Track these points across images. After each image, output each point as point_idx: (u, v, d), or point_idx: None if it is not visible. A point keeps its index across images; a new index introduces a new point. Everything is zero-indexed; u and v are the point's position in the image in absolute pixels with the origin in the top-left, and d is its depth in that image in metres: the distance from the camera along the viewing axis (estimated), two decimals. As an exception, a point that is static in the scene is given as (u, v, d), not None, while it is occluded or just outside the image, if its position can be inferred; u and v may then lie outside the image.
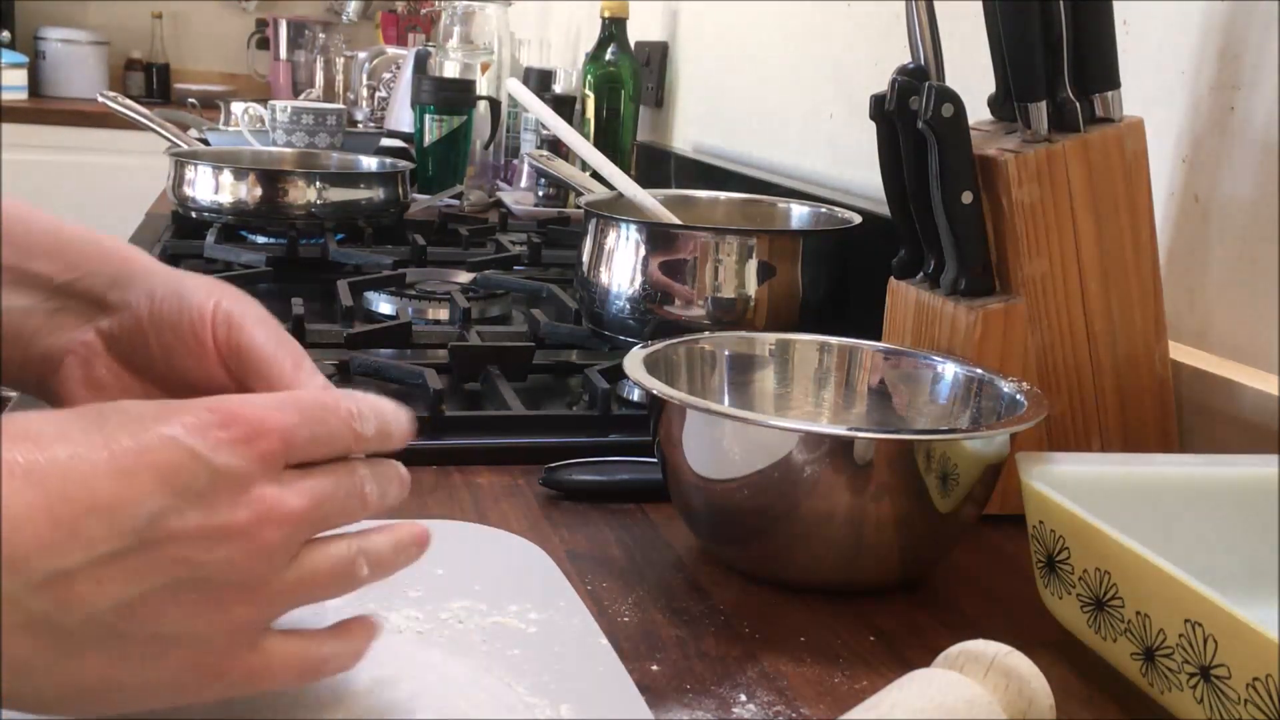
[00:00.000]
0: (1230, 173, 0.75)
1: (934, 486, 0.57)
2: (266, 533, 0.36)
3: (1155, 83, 0.80)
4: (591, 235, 0.95)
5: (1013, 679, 0.42)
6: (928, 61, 0.72)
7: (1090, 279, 0.70)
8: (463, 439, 0.76)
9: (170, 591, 0.35)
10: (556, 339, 0.99)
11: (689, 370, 0.70)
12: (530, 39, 2.29)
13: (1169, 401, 0.73)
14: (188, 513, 0.35)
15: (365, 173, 1.47)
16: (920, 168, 0.72)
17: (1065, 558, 0.53)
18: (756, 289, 0.88)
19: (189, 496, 0.35)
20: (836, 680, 0.52)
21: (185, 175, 1.36)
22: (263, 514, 0.36)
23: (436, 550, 0.58)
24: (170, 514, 0.35)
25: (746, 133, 1.56)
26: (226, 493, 0.36)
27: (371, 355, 0.89)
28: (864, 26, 1.26)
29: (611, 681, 0.48)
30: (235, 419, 0.37)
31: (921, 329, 0.75)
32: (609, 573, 0.61)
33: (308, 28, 3.66)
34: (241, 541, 0.36)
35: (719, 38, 1.68)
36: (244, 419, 0.37)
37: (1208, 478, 0.60)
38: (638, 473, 0.71)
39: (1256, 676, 0.42)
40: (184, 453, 0.35)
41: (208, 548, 0.35)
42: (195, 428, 0.36)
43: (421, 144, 1.72)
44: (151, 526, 0.34)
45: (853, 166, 1.27)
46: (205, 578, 0.36)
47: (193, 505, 0.35)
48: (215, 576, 0.36)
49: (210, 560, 0.36)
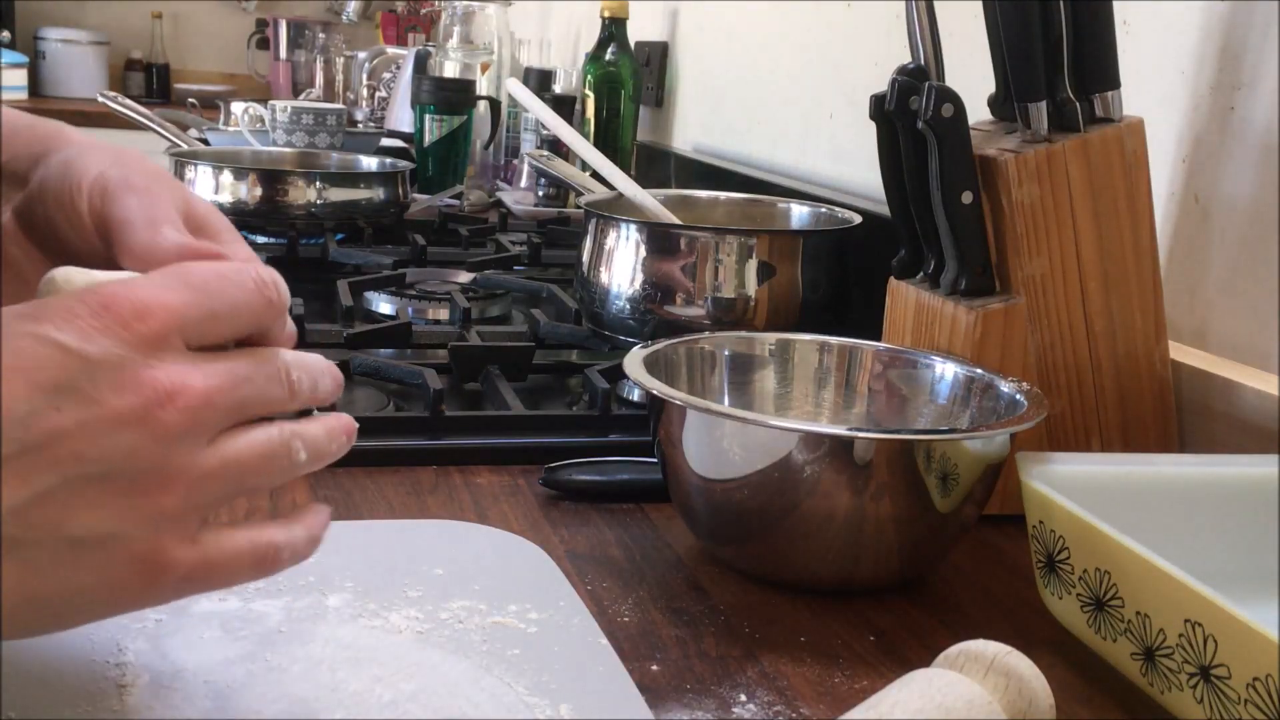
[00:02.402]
0: (1230, 173, 0.75)
1: (934, 486, 0.57)
2: (162, 415, 0.35)
3: (1155, 83, 0.80)
4: (591, 235, 0.95)
5: (1013, 679, 0.42)
6: (928, 61, 0.72)
7: (1090, 279, 0.70)
8: (463, 439, 0.76)
9: (68, 490, 0.34)
10: (556, 339, 0.99)
11: (689, 370, 0.70)
12: (530, 39, 2.29)
13: (1169, 401, 0.73)
14: (65, 408, 0.34)
15: (365, 173, 1.47)
16: (920, 168, 0.72)
17: (1065, 558, 0.53)
18: (756, 289, 0.88)
19: (63, 390, 0.34)
20: (836, 680, 0.52)
21: (185, 175, 1.36)
22: (154, 397, 0.35)
23: (436, 550, 0.59)
24: (44, 412, 0.33)
25: (746, 133, 1.56)
26: (107, 381, 0.34)
27: (371, 355, 0.89)
28: (864, 26, 1.26)
29: (611, 681, 0.48)
30: (110, 304, 0.35)
31: (921, 329, 0.75)
32: (609, 573, 0.61)
33: (308, 28, 3.65)
34: (136, 428, 0.34)
35: (719, 38, 1.68)
36: (119, 302, 0.35)
37: (1208, 478, 0.60)
38: (638, 473, 0.71)
39: (1256, 676, 0.42)
40: (52, 348, 0.34)
41: (99, 439, 0.34)
42: (63, 320, 0.34)
43: (421, 144, 1.72)
44: (26, 428, 0.33)
45: (853, 166, 1.27)
46: (105, 471, 0.34)
47: (69, 399, 0.34)
48: (116, 468, 0.35)
49: (103, 452, 0.34)
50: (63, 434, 0.34)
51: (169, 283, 0.37)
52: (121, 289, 0.36)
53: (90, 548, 0.35)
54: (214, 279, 0.37)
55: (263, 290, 0.38)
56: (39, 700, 0.43)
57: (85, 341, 0.34)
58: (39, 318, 0.34)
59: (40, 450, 0.33)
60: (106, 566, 0.35)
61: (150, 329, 0.35)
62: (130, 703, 0.43)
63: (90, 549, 0.35)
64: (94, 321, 0.34)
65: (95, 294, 0.35)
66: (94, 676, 0.45)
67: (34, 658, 0.45)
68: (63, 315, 0.34)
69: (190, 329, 0.36)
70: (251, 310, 0.38)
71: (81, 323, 0.34)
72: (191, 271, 0.38)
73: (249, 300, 0.38)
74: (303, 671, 0.46)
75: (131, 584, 0.36)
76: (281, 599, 0.52)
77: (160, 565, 0.36)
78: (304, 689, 0.45)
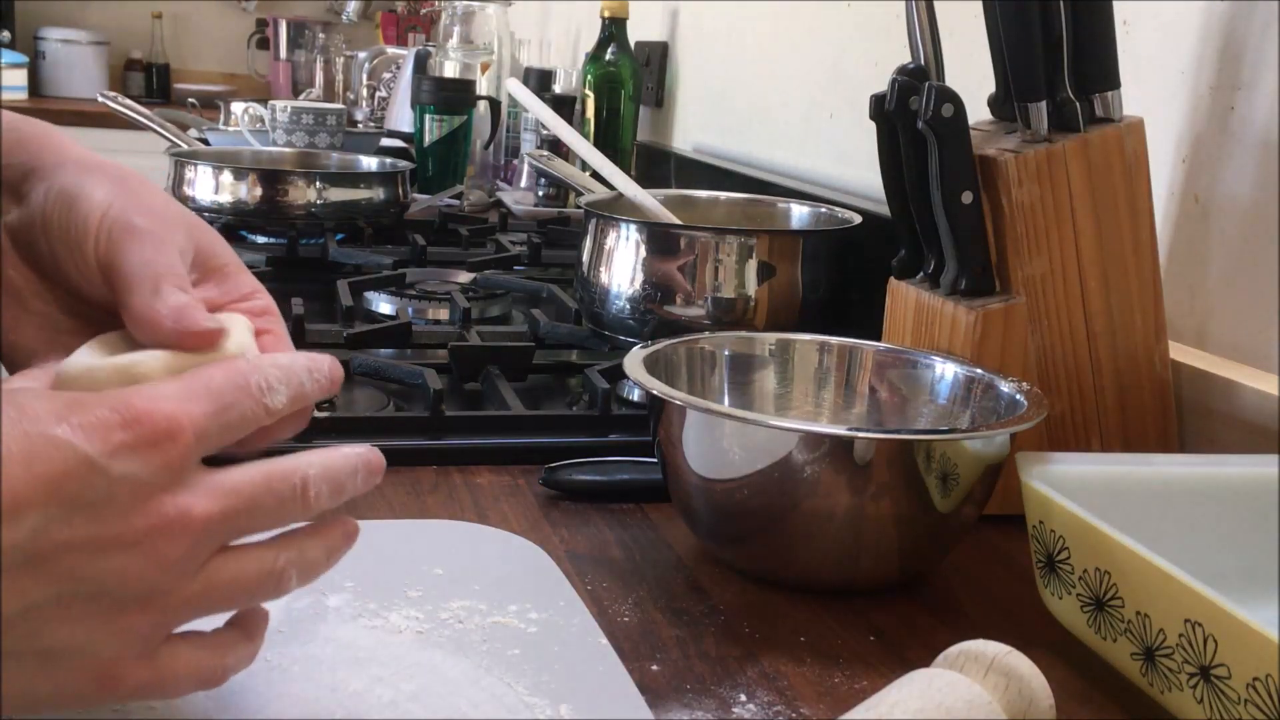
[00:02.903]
0: (1230, 173, 0.75)
1: (934, 486, 0.57)
2: (164, 544, 0.34)
3: (1155, 83, 0.80)
4: (591, 235, 0.95)
5: (1013, 679, 0.42)
6: (928, 61, 0.72)
7: (1090, 279, 0.70)
8: (463, 439, 0.76)
9: (58, 605, 0.33)
10: (556, 339, 0.99)
11: (689, 370, 0.70)
12: (530, 39, 2.29)
13: (1169, 401, 0.73)
14: (77, 522, 0.33)
15: (365, 173, 1.47)
16: (920, 168, 0.72)
17: (1065, 558, 0.53)
18: (756, 289, 0.88)
19: (79, 505, 0.33)
20: (836, 680, 0.52)
21: (185, 175, 1.36)
22: (161, 524, 0.34)
23: (436, 550, 0.59)
24: (58, 525, 0.33)
25: (746, 133, 1.56)
26: (123, 501, 0.34)
27: (371, 355, 0.89)
28: (864, 26, 1.26)
29: (611, 681, 0.48)
30: (140, 419, 0.34)
31: (921, 329, 0.75)
32: (609, 573, 0.61)
33: (308, 28, 3.66)
34: (136, 552, 0.34)
35: (719, 38, 1.68)
36: (150, 419, 0.34)
37: (1208, 478, 0.60)
38: (638, 473, 0.71)
39: (1256, 676, 0.42)
40: (77, 459, 0.33)
41: (97, 559, 0.33)
42: (93, 431, 0.33)
43: (421, 144, 1.72)
44: (37, 539, 0.32)
45: (853, 166, 1.27)
46: (96, 591, 0.34)
47: (83, 514, 0.33)
48: (108, 589, 0.34)
49: (100, 572, 0.34)
50: (69, 549, 0.33)
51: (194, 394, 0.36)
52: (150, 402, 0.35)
53: (57, 659, 0.34)
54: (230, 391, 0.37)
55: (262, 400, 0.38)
56: (39, 700, 0.43)
57: (112, 459, 0.33)
58: (69, 420, 0.33)
59: (43, 563, 0.33)
60: (67, 676, 0.35)
61: (177, 451, 0.35)
62: (130, 703, 0.43)
63: (56, 660, 0.34)
64: (124, 436, 0.34)
65: (127, 405, 0.34)
66: (94, 676, 0.45)
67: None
68: (94, 426, 0.33)
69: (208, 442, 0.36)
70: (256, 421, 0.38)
71: (113, 437, 0.34)
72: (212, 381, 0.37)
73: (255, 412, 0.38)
74: (303, 671, 0.46)
75: (84, 694, 0.35)
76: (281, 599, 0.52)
77: (115, 680, 0.35)
78: (304, 689, 0.45)
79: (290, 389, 0.39)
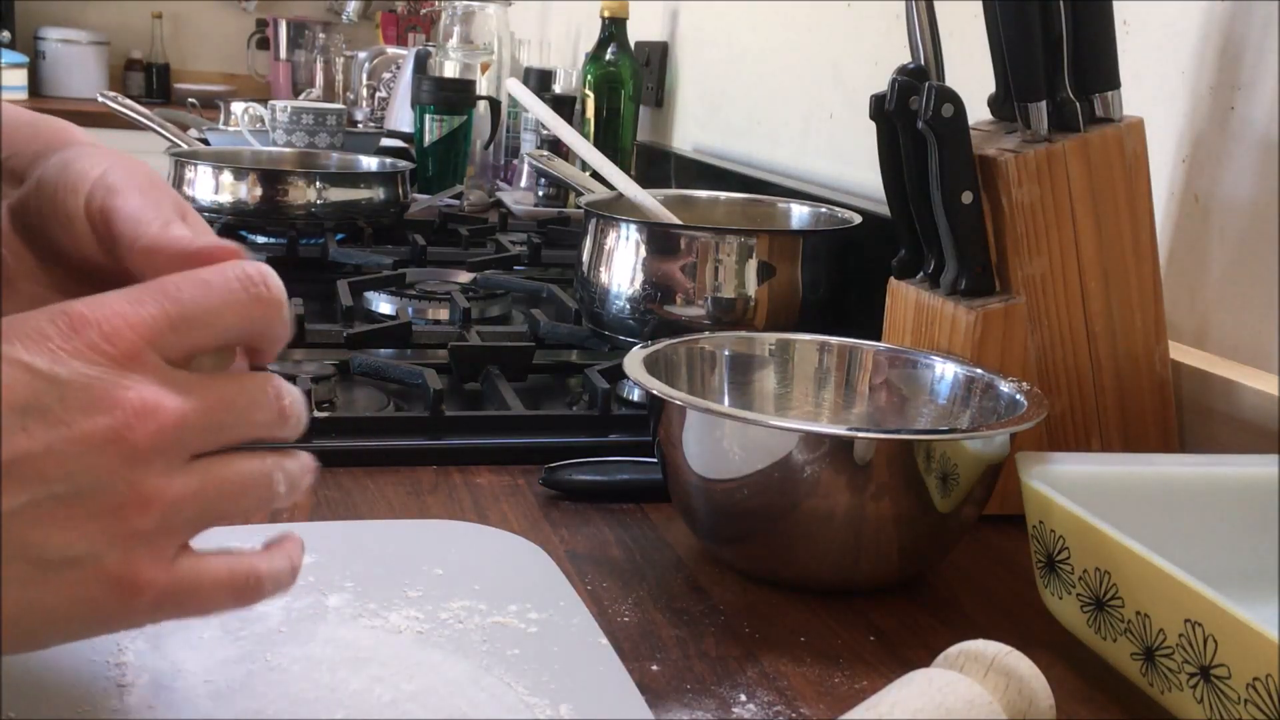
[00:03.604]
0: (1230, 173, 0.75)
1: (934, 486, 0.57)
2: (131, 435, 0.34)
3: (1155, 83, 0.81)
4: (591, 235, 0.95)
5: (1013, 679, 0.42)
6: (928, 61, 0.72)
7: (1090, 279, 0.70)
8: (463, 439, 0.76)
9: (35, 510, 0.34)
10: (556, 339, 0.99)
11: (689, 370, 0.70)
12: (530, 39, 2.29)
13: (1169, 401, 0.73)
14: (34, 429, 0.33)
15: (365, 173, 1.47)
16: (920, 168, 0.72)
17: (1065, 558, 0.53)
18: (756, 289, 0.88)
19: (33, 413, 0.33)
20: (836, 680, 0.52)
21: (185, 175, 1.36)
22: (123, 417, 0.34)
23: (436, 550, 0.59)
24: (13, 433, 0.33)
25: (746, 133, 1.56)
26: (77, 402, 0.34)
27: (371, 355, 0.89)
28: (864, 26, 1.26)
29: (611, 681, 0.48)
30: (77, 325, 0.34)
31: (921, 329, 0.75)
32: (609, 573, 0.61)
33: (308, 28, 3.66)
34: (105, 448, 0.34)
35: (719, 38, 1.68)
36: (90, 322, 0.35)
37: (1208, 478, 0.60)
38: (638, 473, 0.71)
39: (1256, 676, 0.42)
40: (20, 369, 0.33)
41: (63, 460, 0.34)
42: (34, 341, 0.34)
43: (421, 144, 1.72)
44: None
45: (853, 166, 1.27)
46: (73, 491, 0.34)
47: (37, 420, 0.33)
48: (85, 488, 0.34)
49: (70, 472, 0.34)
50: (29, 455, 0.33)
51: (142, 296, 0.36)
52: (91, 308, 0.35)
53: (60, 568, 0.35)
54: (190, 285, 0.37)
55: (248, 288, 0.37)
56: (39, 700, 0.43)
57: (55, 364, 0.34)
58: (8, 338, 0.34)
59: (6, 472, 0.33)
60: (78, 586, 0.35)
61: (120, 349, 0.35)
62: (130, 703, 0.43)
63: (60, 569, 0.35)
64: (64, 344, 0.34)
65: (65, 315, 0.35)
66: (94, 676, 0.45)
67: (34, 658, 0.45)
68: (32, 337, 0.34)
69: (167, 342, 0.36)
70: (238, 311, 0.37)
71: (52, 345, 0.34)
72: (168, 282, 0.37)
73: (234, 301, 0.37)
74: (303, 671, 0.46)
75: (104, 604, 0.36)
76: (281, 599, 0.52)
77: (134, 586, 0.36)
78: (304, 689, 0.45)
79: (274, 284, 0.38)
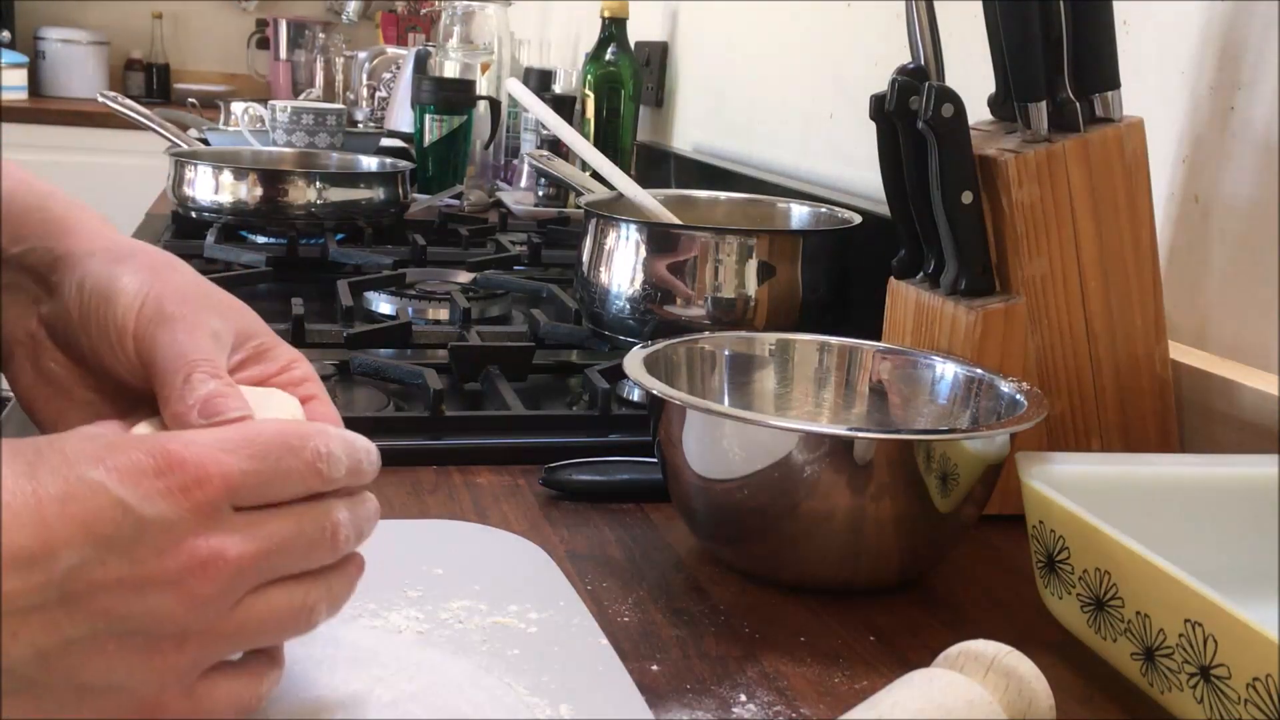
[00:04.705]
0: (1230, 173, 0.75)
1: (934, 486, 0.57)
2: (197, 583, 0.35)
3: (1155, 83, 0.80)
4: (591, 235, 0.95)
5: (1013, 679, 0.42)
6: (928, 61, 0.72)
7: (1090, 279, 0.70)
8: (463, 439, 0.76)
9: (92, 642, 0.35)
10: (556, 339, 0.99)
11: (689, 370, 0.70)
12: (530, 39, 2.29)
13: (1169, 401, 0.73)
14: (110, 563, 0.34)
15: (365, 173, 1.47)
16: (920, 168, 0.72)
17: (1065, 558, 0.53)
18: (756, 289, 0.88)
19: (113, 547, 0.34)
20: (836, 680, 0.52)
21: (185, 175, 1.36)
22: (194, 564, 0.35)
23: (436, 550, 0.59)
24: (91, 565, 0.34)
25: (746, 133, 1.56)
26: (155, 543, 0.35)
27: (371, 355, 0.89)
28: (864, 26, 1.26)
29: (611, 681, 0.48)
30: (172, 465, 0.35)
31: (921, 329, 0.75)
32: (609, 573, 0.61)
33: (308, 28, 3.66)
34: (170, 592, 0.35)
35: (719, 38, 1.68)
36: (182, 465, 0.35)
37: (1208, 478, 0.60)
38: (638, 473, 0.71)
39: (1256, 676, 0.42)
40: (110, 502, 0.34)
41: (131, 599, 0.35)
42: (127, 474, 0.35)
43: (421, 144, 1.72)
44: (70, 578, 0.34)
45: (853, 166, 1.27)
46: (132, 629, 0.35)
47: (117, 555, 0.34)
48: (143, 627, 0.35)
49: (135, 611, 0.35)
50: (103, 589, 0.34)
51: (234, 445, 0.37)
52: (186, 449, 0.36)
53: (96, 695, 0.35)
54: (278, 450, 0.38)
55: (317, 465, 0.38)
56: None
57: (144, 503, 0.35)
58: (105, 463, 0.35)
59: (79, 601, 0.34)
60: (107, 709, 0.36)
61: (206, 496, 0.36)
62: None
63: (95, 696, 0.35)
64: (156, 483, 0.35)
65: (164, 453, 0.35)
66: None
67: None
68: (127, 470, 0.35)
69: (243, 497, 0.37)
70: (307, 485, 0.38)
71: (145, 482, 0.35)
72: (258, 436, 0.38)
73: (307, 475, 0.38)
74: (303, 671, 0.46)
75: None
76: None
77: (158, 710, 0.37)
78: (304, 689, 0.45)
79: (350, 461, 0.40)
